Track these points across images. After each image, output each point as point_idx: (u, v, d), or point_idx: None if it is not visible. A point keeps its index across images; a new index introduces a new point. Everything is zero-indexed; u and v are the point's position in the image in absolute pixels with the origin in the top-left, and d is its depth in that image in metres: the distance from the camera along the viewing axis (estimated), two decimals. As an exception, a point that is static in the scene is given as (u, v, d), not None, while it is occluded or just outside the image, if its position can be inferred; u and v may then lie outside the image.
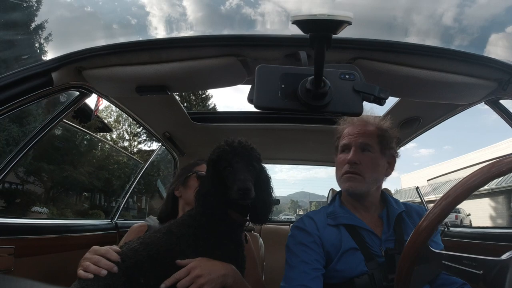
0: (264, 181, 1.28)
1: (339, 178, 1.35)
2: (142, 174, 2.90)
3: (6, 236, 1.42)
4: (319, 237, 1.28)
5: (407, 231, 1.28)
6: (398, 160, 1.41)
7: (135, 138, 26.00)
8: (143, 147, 25.69)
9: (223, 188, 1.18)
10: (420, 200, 2.89)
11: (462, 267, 0.82)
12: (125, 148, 24.72)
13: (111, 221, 2.36)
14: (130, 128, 25.47)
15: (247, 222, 1.28)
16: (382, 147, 1.35)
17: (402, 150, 2.41)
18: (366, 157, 1.32)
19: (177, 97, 1.96)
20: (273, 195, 1.31)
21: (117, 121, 25.47)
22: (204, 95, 29.67)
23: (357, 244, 1.24)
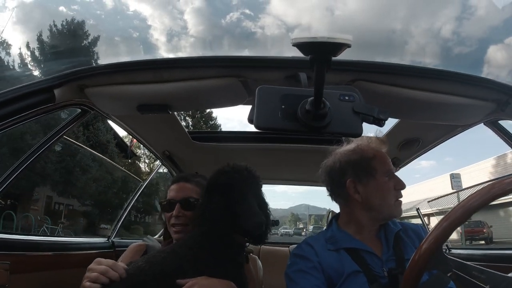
0: (264, 205, 1.31)
1: (393, 203, 1.31)
2: (141, 193, 2.88)
3: (1, 252, 1.40)
4: (319, 262, 1.26)
5: (407, 249, 1.27)
6: (399, 173, 1.42)
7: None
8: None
9: (229, 213, 1.19)
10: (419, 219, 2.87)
11: (470, 278, 0.81)
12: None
13: (108, 239, 2.34)
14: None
15: (247, 244, 1.30)
16: None
17: None
18: None
19: (185, 116, 1.96)
20: (271, 218, 1.35)
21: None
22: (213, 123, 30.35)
23: (359, 266, 1.22)
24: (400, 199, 1.33)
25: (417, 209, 2.96)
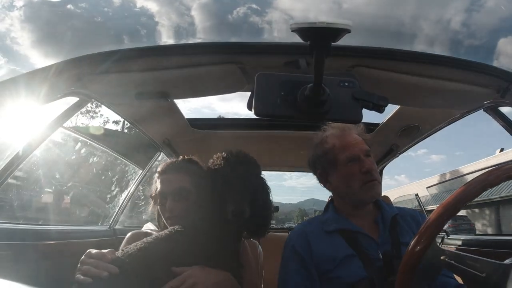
0: (263, 194, 1.27)
1: (359, 188, 1.29)
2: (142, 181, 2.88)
3: (3, 241, 1.41)
4: (311, 254, 1.28)
5: (403, 233, 1.28)
6: (409, 167, 1.42)
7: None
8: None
9: (220, 201, 1.17)
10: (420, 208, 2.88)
11: (465, 268, 0.81)
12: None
13: (109, 227, 2.35)
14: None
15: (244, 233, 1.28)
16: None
17: (412, 157, 2.45)
18: (373, 162, 1.34)
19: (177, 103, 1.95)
20: (272, 208, 1.31)
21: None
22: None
23: (354, 250, 1.23)
24: (372, 181, 1.29)
25: (416, 195, 2.97)
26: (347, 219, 1.34)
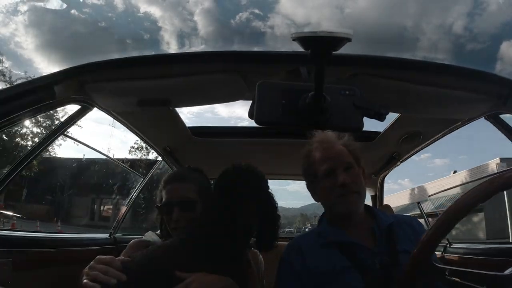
0: (271, 208, 1.30)
1: (333, 200, 1.30)
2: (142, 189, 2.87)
3: (3, 249, 1.40)
4: (307, 269, 1.26)
5: (400, 242, 1.26)
6: (412, 171, 1.40)
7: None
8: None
9: (229, 214, 1.18)
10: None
11: (465, 282, 0.81)
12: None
13: (110, 235, 2.33)
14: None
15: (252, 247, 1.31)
16: (357, 161, 1.36)
17: (416, 161, 2.43)
18: (351, 174, 1.31)
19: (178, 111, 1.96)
20: (279, 221, 1.34)
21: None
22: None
23: (350, 261, 1.22)
24: (344, 195, 1.28)
25: (418, 203, 2.95)
26: (341, 231, 1.32)
